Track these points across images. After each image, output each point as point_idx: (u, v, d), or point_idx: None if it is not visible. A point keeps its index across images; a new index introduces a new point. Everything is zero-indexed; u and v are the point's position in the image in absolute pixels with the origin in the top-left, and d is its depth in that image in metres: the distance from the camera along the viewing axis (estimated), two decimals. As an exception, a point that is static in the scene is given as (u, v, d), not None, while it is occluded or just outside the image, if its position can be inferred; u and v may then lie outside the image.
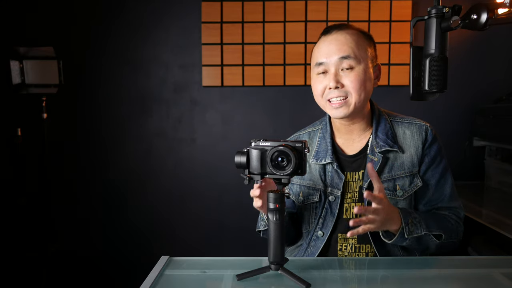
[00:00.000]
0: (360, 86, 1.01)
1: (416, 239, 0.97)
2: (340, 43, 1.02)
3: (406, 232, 0.94)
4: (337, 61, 1.01)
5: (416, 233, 0.96)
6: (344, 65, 1.01)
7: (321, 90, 1.04)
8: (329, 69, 1.03)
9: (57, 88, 1.88)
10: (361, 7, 2.14)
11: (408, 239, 0.95)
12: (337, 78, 1.01)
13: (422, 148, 1.07)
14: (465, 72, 2.17)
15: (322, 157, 1.10)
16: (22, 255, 2.08)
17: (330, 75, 1.02)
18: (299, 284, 0.78)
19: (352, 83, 1.00)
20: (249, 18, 2.16)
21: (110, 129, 2.25)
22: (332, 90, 1.02)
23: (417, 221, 0.97)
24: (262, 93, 2.22)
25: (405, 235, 0.94)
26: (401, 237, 0.95)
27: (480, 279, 0.87)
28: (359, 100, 1.02)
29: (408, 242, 0.96)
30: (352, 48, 1.01)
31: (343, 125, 1.10)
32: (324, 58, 1.03)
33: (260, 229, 1.15)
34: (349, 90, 1.01)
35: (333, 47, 1.02)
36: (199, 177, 2.27)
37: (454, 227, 1.05)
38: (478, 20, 0.82)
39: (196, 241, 2.28)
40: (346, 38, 1.02)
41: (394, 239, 0.95)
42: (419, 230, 0.96)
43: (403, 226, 0.94)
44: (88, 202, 2.28)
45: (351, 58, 1.00)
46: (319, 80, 1.05)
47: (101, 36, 2.20)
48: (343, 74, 1.02)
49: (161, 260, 0.95)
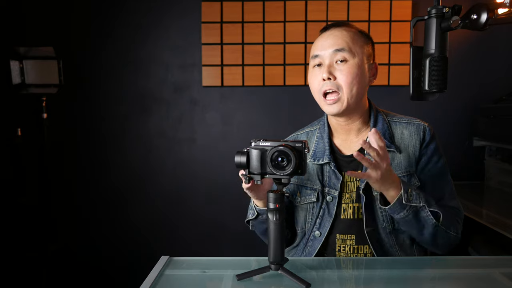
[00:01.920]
0: (352, 79, 1.01)
1: (413, 213, 0.95)
2: (336, 37, 1.04)
3: (405, 198, 0.93)
4: (331, 54, 1.03)
5: (415, 203, 0.94)
6: (338, 57, 1.02)
7: (316, 83, 1.05)
8: (323, 61, 1.04)
9: (57, 88, 1.88)
10: (361, 7, 2.14)
11: (405, 209, 0.94)
12: (330, 70, 1.02)
13: (420, 148, 1.06)
14: (465, 72, 2.17)
15: (319, 157, 1.10)
16: (22, 255, 2.08)
17: (324, 67, 1.03)
18: (299, 284, 0.78)
19: (344, 76, 1.01)
20: (249, 18, 2.16)
21: (110, 129, 2.25)
22: (325, 82, 1.02)
23: (416, 193, 0.96)
24: (262, 93, 2.22)
25: (403, 201, 0.92)
26: (399, 205, 0.93)
27: (480, 279, 0.87)
28: (351, 95, 1.02)
29: (405, 213, 0.94)
30: (347, 42, 1.03)
31: (340, 124, 1.10)
32: (319, 51, 1.05)
33: (249, 218, 1.11)
34: (341, 83, 1.01)
35: (329, 41, 1.04)
36: (199, 177, 2.27)
37: (454, 219, 1.02)
38: (478, 20, 0.82)
39: (196, 241, 2.28)
40: (342, 34, 1.04)
41: (392, 204, 0.94)
42: (418, 201, 0.95)
43: (402, 193, 0.93)
44: (88, 202, 2.28)
45: (345, 50, 1.02)
46: (314, 73, 1.07)
47: (101, 36, 2.20)
48: (337, 66, 1.03)
49: (161, 260, 0.95)
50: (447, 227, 0.99)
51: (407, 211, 0.94)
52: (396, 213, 0.96)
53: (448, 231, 1.00)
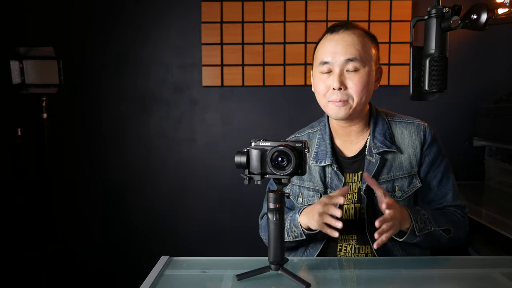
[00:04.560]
0: (362, 89, 1.00)
1: (426, 235, 0.97)
2: (347, 44, 1.01)
3: (417, 229, 0.95)
4: (343, 62, 1.00)
5: (427, 230, 0.97)
6: (349, 67, 1.00)
7: (324, 90, 1.04)
8: (333, 69, 1.02)
9: (57, 88, 1.87)
10: (361, 7, 2.14)
11: (418, 236, 0.96)
12: (342, 79, 1.00)
13: (421, 149, 1.07)
14: (465, 72, 2.17)
15: (321, 159, 1.10)
16: (22, 255, 2.07)
17: (334, 76, 1.01)
18: (299, 284, 0.78)
19: (355, 86, 1.00)
20: (249, 18, 2.16)
21: (110, 129, 2.25)
22: (335, 91, 1.01)
23: (425, 218, 0.98)
24: (262, 93, 2.22)
25: (416, 232, 0.95)
26: (412, 234, 0.96)
27: (480, 279, 0.87)
28: (359, 103, 1.02)
29: (418, 238, 0.97)
30: (359, 50, 1.00)
31: (341, 126, 1.10)
32: (329, 58, 1.02)
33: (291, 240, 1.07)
34: (351, 93, 1.01)
35: (340, 48, 1.01)
36: (199, 177, 2.26)
37: (461, 220, 1.06)
38: (478, 20, 0.82)
39: (196, 241, 2.28)
40: (353, 39, 1.01)
41: (406, 237, 0.96)
42: (429, 226, 0.97)
43: (413, 224, 0.95)
44: (88, 202, 2.28)
45: (357, 60, 1.00)
46: (322, 79, 1.04)
47: (101, 36, 2.20)
48: (348, 75, 1.01)
49: (161, 260, 0.95)
50: (458, 231, 1.04)
51: (419, 237, 0.97)
52: (410, 241, 0.98)
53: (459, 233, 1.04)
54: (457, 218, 1.05)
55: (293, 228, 1.04)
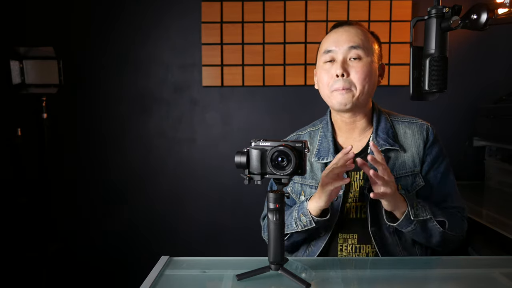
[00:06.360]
0: (365, 77, 1.02)
1: (420, 225, 0.96)
2: (350, 34, 1.04)
3: (412, 214, 0.94)
4: (346, 50, 1.03)
5: (422, 216, 0.95)
6: (352, 54, 1.02)
7: (327, 79, 1.05)
8: (337, 57, 1.04)
9: (57, 88, 1.87)
10: (361, 7, 2.14)
11: (413, 223, 0.95)
12: (345, 67, 1.02)
13: (424, 147, 1.07)
14: (465, 72, 2.17)
15: (324, 156, 1.10)
16: (22, 255, 2.07)
17: (337, 63, 1.03)
18: (299, 284, 0.78)
19: (358, 74, 1.01)
20: (249, 18, 2.16)
21: (110, 129, 2.25)
22: (338, 79, 1.02)
23: (421, 205, 0.97)
24: (262, 93, 2.22)
25: (411, 217, 0.94)
26: (406, 220, 0.95)
27: (480, 279, 0.87)
28: (362, 91, 1.02)
29: (413, 226, 0.96)
30: (362, 40, 1.03)
31: (344, 122, 1.10)
32: (333, 46, 1.04)
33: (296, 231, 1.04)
34: (354, 80, 1.02)
35: (344, 37, 1.04)
36: (199, 177, 2.27)
37: (458, 220, 1.04)
38: (478, 20, 0.82)
39: (196, 241, 2.28)
40: (356, 31, 1.05)
41: (401, 220, 0.95)
42: (424, 214, 0.96)
43: (409, 209, 0.94)
44: (88, 202, 2.28)
45: (360, 48, 1.02)
46: (325, 68, 1.06)
47: (101, 36, 2.20)
48: (350, 63, 1.03)
49: (161, 260, 0.95)
50: (453, 231, 1.01)
51: (414, 225, 0.96)
52: (404, 228, 0.97)
53: (454, 234, 1.02)
54: (455, 217, 1.04)
55: (302, 217, 1.02)
